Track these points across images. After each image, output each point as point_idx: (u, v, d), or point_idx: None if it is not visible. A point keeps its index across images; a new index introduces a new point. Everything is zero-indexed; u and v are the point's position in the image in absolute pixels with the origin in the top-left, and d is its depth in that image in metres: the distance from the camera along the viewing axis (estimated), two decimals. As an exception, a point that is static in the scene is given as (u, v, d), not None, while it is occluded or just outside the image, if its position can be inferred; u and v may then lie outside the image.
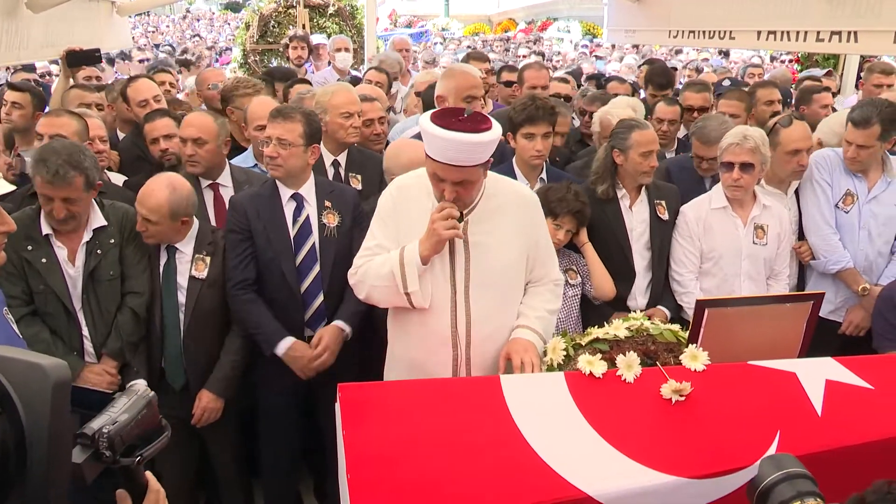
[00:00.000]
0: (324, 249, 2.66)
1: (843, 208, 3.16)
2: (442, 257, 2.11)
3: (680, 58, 11.27)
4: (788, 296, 2.76)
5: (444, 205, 2.03)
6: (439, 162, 1.99)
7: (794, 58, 8.44)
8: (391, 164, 2.82)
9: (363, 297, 2.24)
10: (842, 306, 3.19)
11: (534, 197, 2.31)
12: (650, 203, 3.04)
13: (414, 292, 2.07)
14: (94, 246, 2.52)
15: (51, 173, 2.31)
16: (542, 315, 2.22)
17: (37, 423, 0.78)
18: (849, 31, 4.56)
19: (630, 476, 1.64)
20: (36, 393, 0.78)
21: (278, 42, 7.69)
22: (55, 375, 0.80)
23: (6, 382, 0.78)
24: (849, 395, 1.91)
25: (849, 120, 3.09)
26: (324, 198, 2.69)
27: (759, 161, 2.89)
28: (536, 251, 2.25)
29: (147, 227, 2.53)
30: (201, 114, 3.17)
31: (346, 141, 3.22)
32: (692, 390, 1.85)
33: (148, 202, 2.50)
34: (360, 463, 1.61)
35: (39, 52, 4.58)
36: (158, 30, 17.87)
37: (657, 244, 3.03)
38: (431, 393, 1.85)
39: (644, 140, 2.92)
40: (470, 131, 1.95)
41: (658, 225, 3.04)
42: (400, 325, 2.25)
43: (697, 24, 6.36)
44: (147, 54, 9.68)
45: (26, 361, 0.80)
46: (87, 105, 3.65)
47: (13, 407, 0.78)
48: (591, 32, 16.37)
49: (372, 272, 2.14)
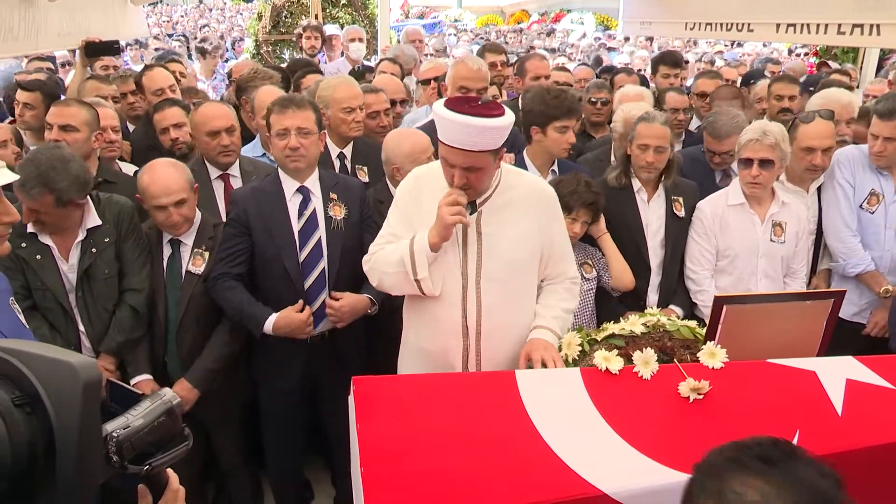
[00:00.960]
0: (331, 243, 2.59)
1: (868, 208, 3.10)
2: (454, 247, 2.11)
3: (695, 50, 11.12)
4: (808, 293, 2.72)
5: (452, 191, 2.03)
6: (447, 145, 2.00)
7: (812, 51, 8.32)
8: (392, 154, 2.79)
9: (375, 284, 2.26)
10: (866, 308, 3.14)
11: (552, 192, 2.29)
12: (667, 199, 3.00)
13: (423, 279, 2.08)
14: (88, 245, 2.47)
15: (19, 182, 2.20)
16: (558, 315, 2.21)
17: (66, 424, 0.76)
18: (871, 24, 4.48)
19: (646, 474, 1.62)
20: (66, 392, 0.76)
21: (291, 32, 7.66)
22: (85, 375, 0.77)
23: (37, 382, 0.76)
24: (870, 395, 1.88)
25: (874, 113, 3.02)
26: (329, 190, 2.63)
27: (779, 157, 2.83)
28: (552, 248, 2.23)
29: (171, 216, 2.50)
30: (223, 104, 3.15)
31: (348, 135, 3.20)
32: (710, 388, 1.82)
33: (160, 182, 2.48)
34: (374, 457, 1.60)
35: (56, 41, 4.57)
36: (172, 20, 17.88)
37: (671, 241, 2.99)
38: (446, 387, 1.84)
39: (645, 133, 2.89)
40: (480, 115, 1.95)
41: (673, 222, 3.00)
42: (414, 314, 2.27)
43: (714, 15, 6.28)
44: (162, 44, 9.69)
45: (56, 359, 0.77)
46: (104, 97, 3.65)
47: (43, 407, 0.75)
48: (604, 24, 16.22)
49: (383, 259, 2.17)
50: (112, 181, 2.93)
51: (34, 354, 0.78)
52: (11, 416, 0.74)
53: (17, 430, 0.73)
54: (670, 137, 2.94)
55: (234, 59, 7.46)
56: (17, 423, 0.74)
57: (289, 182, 2.60)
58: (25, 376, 0.76)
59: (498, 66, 4.55)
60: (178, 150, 3.26)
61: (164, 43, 9.99)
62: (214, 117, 2.89)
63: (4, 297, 1.73)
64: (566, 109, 2.84)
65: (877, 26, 4.47)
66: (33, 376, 0.76)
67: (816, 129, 3.02)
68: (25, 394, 0.76)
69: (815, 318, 2.17)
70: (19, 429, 0.74)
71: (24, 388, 0.76)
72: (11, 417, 0.74)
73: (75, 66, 4.29)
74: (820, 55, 8.03)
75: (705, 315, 2.89)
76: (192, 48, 7.99)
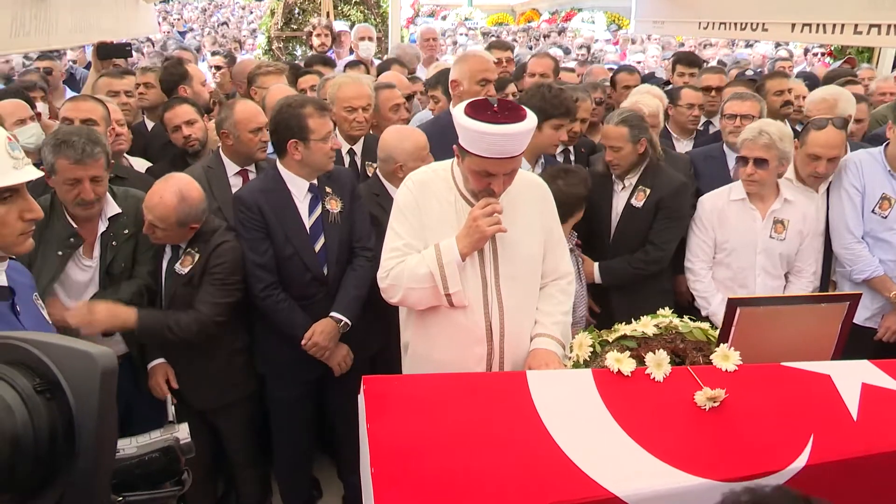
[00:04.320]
0: (329, 236, 2.64)
1: (880, 213, 3.07)
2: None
3: (708, 52, 11.05)
4: (823, 296, 2.70)
5: (488, 200, 2.01)
6: (491, 158, 1.95)
7: (828, 51, 8.24)
8: (395, 152, 2.78)
9: (396, 301, 2.16)
10: (878, 313, 3.11)
11: (545, 185, 2.31)
12: (633, 189, 3.08)
13: (456, 293, 2.04)
14: (108, 238, 2.48)
15: (78, 152, 2.29)
16: (558, 320, 2.21)
17: (85, 411, 0.79)
18: (889, 25, 4.42)
19: (658, 477, 1.60)
20: (85, 380, 0.79)
21: (302, 30, 7.67)
22: (103, 363, 0.80)
23: (56, 370, 0.79)
24: (886, 400, 1.85)
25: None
26: (324, 184, 2.67)
27: (776, 157, 2.85)
28: (551, 239, 2.24)
29: (154, 231, 2.45)
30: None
31: (350, 134, 3.22)
32: (726, 396, 1.80)
33: (155, 210, 2.40)
34: (385, 457, 1.59)
35: (68, 38, 4.61)
36: (182, 17, 17.95)
37: (621, 228, 3.09)
38: (456, 387, 1.83)
39: (602, 133, 3.08)
40: (512, 121, 1.93)
41: (628, 210, 3.08)
42: (422, 325, 2.19)
43: (728, 15, 6.22)
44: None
45: (75, 349, 0.81)
46: (116, 92, 3.68)
47: (63, 394, 0.79)
48: (616, 23, 16.13)
49: (407, 274, 2.07)
50: (123, 177, 2.95)
51: (54, 344, 0.82)
52: (33, 402, 0.78)
53: (38, 415, 0.77)
54: (627, 136, 3.00)
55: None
56: (39, 409, 0.78)
57: (300, 181, 2.61)
58: (46, 365, 0.80)
59: (503, 62, 4.57)
60: (192, 147, 3.28)
61: (177, 41, 10.02)
62: (258, 113, 2.97)
63: (28, 293, 1.74)
64: (564, 109, 2.90)
65: (893, 26, 4.42)
66: (53, 365, 0.80)
67: (825, 138, 3.01)
68: (46, 381, 0.79)
69: (829, 321, 2.14)
70: (40, 413, 0.77)
71: (44, 376, 0.80)
72: (33, 403, 0.77)
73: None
74: (835, 55, 7.94)
75: (701, 306, 3.03)
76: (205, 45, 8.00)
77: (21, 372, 0.79)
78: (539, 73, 4.22)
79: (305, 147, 2.54)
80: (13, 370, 0.79)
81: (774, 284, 2.98)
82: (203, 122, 3.35)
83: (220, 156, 3.01)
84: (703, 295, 3.03)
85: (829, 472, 1.68)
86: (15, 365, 0.79)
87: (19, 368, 0.79)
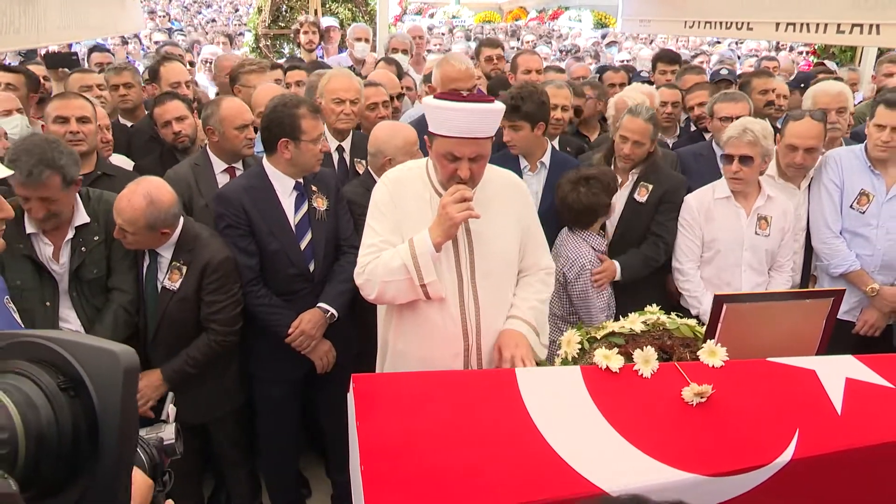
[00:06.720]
0: (316, 232, 2.66)
1: (858, 208, 3.11)
2: (446, 248, 2.08)
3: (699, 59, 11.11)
4: (808, 292, 2.73)
5: (457, 187, 2.01)
6: (454, 137, 1.97)
7: (811, 49, 8.32)
8: (385, 147, 2.79)
9: (373, 297, 2.13)
10: (856, 306, 3.15)
11: (522, 183, 2.33)
12: (635, 184, 3.10)
13: (431, 283, 2.03)
14: (77, 244, 2.42)
15: (24, 174, 2.19)
16: (534, 305, 2.22)
17: (108, 409, 0.80)
18: (871, 24, 4.48)
19: (646, 473, 1.62)
20: (108, 378, 0.80)
21: (290, 27, 7.63)
22: (126, 361, 0.81)
23: (80, 368, 0.80)
24: (870, 394, 1.88)
25: (881, 102, 3.04)
26: (310, 183, 2.68)
27: (760, 154, 2.89)
28: (528, 237, 2.24)
29: (125, 236, 2.39)
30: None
31: (336, 127, 3.21)
32: (713, 391, 1.82)
33: (124, 213, 2.34)
34: (375, 454, 1.59)
35: (56, 35, 4.58)
36: (169, 15, 17.78)
37: (624, 222, 3.11)
38: (446, 385, 1.83)
39: (627, 125, 3.04)
40: (478, 101, 1.97)
41: (631, 205, 3.10)
42: (399, 322, 2.19)
43: (714, 14, 6.27)
44: (163, 37, 9.63)
45: (99, 347, 0.82)
46: (88, 87, 3.65)
47: (87, 392, 0.80)
48: (602, 22, 16.19)
49: (381, 268, 2.06)
50: (111, 174, 2.92)
51: (78, 343, 0.82)
52: (57, 399, 0.78)
53: (62, 412, 0.78)
54: (651, 133, 3.03)
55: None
56: (62, 406, 0.78)
57: (285, 178, 2.62)
58: (70, 363, 0.81)
59: (494, 59, 4.57)
60: (181, 144, 3.26)
61: (163, 36, 9.92)
62: (244, 111, 2.96)
63: (0, 296, 1.72)
64: (546, 109, 2.97)
65: (876, 26, 4.48)
66: (77, 363, 0.81)
67: (802, 129, 3.06)
68: (70, 379, 0.80)
69: (814, 316, 2.17)
70: (64, 411, 0.78)
71: (68, 374, 0.80)
72: (57, 400, 0.78)
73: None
74: (818, 54, 8.03)
75: (690, 305, 3.04)
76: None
77: (45, 370, 0.80)
78: (534, 70, 4.23)
79: (296, 147, 2.54)
80: (38, 368, 0.79)
81: (759, 280, 3.02)
82: (193, 118, 3.33)
83: (208, 153, 3.00)
84: (694, 294, 3.04)
85: (815, 465, 1.70)
86: (40, 363, 0.80)
87: (44, 366, 0.80)
